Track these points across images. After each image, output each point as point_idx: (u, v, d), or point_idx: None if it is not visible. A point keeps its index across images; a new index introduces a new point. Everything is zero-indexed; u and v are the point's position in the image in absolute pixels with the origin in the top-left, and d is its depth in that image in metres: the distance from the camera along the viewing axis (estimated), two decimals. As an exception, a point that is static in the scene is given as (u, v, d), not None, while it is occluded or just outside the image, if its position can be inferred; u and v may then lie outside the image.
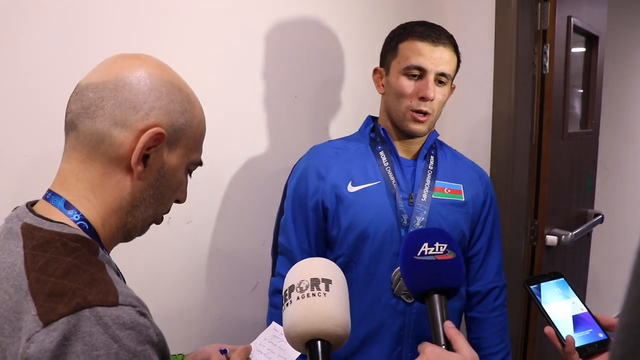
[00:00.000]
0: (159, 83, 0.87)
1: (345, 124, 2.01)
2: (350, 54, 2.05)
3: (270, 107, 1.84)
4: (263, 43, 1.79)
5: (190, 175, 0.99)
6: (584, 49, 2.95)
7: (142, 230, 0.95)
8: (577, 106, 2.95)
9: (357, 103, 2.07)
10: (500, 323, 1.68)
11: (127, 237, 0.94)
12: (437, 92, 1.52)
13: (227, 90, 1.71)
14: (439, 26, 1.57)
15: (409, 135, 1.58)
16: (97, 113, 0.84)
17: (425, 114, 1.52)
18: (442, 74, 1.52)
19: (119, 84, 0.85)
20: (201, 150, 0.97)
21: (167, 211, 0.98)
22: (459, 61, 1.59)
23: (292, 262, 1.58)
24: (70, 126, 0.86)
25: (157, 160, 0.88)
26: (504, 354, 1.67)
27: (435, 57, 1.50)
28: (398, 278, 1.53)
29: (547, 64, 2.34)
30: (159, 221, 0.97)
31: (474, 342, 1.66)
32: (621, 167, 4.27)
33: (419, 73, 1.52)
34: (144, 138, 0.84)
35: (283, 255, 1.63)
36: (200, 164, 0.98)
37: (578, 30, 2.64)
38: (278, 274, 1.63)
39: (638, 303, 0.42)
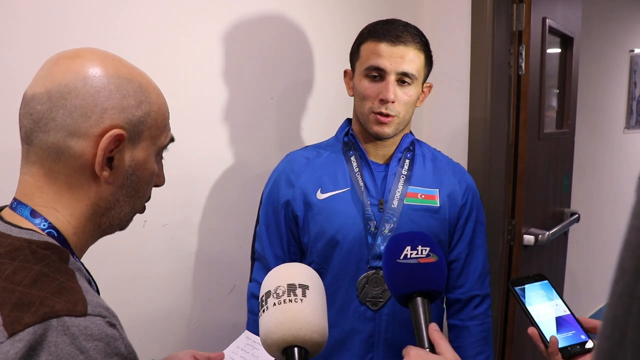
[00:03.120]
0: (105, 81, 0.82)
1: (323, 125, 2.01)
2: (327, 55, 2.05)
3: (246, 109, 1.83)
4: (240, 44, 1.77)
5: (163, 156, 0.95)
6: (559, 50, 2.97)
7: (121, 226, 0.92)
8: (553, 106, 2.98)
9: (335, 105, 2.07)
10: (480, 333, 1.62)
11: (105, 234, 0.91)
12: (400, 93, 1.48)
13: (203, 91, 1.69)
14: (403, 24, 1.50)
15: (377, 137, 1.54)
16: (49, 126, 0.80)
17: (387, 115, 1.48)
18: (404, 74, 1.46)
19: (64, 91, 0.80)
20: (168, 130, 0.93)
21: (148, 199, 0.95)
22: (428, 59, 1.53)
23: (267, 268, 1.58)
24: (26, 141, 0.83)
25: (123, 160, 0.85)
26: None
27: (395, 57, 1.45)
28: (363, 285, 1.51)
29: (523, 65, 2.36)
30: (141, 211, 0.95)
31: None
32: (597, 166, 4.32)
33: (378, 74, 1.48)
34: (103, 143, 0.80)
35: (258, 262, 1.63)
36: (172, 140, 0.94)
37: (553, 31, 2.67)
38: (254, 280, 1.63)
39: (623, 296, 0.43)
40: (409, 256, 1.04)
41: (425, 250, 1.05)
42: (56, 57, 0.85)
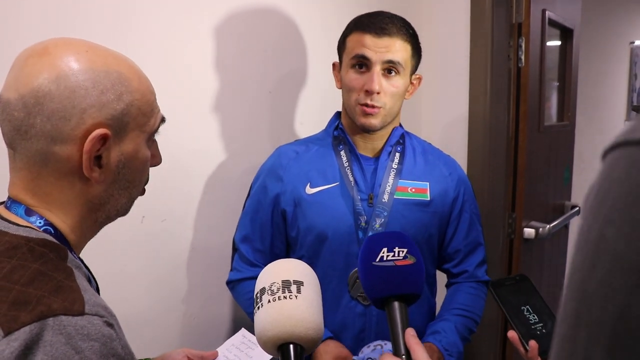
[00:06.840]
0: (80, 78, 0.77)
1: (320, 119, 1.99)
2: (327, 49, 2.03)
3: (244, 103, 1.81)
4: (237, 38, 1.76)
5: (158, 132, 0.91)
6: (559, 42, 2.96)
7: (122, 213, 0.91)
8: (553, 99, 2.97)
9: (332, 98, 2.05)
10: (471, 293, 1.60)
11: (106, 224, 0.91)
12: (386, 84, 1.46)
13: (200, 85, 1.68)
14: (389, 16, 1.49)
15: (365, 130, 1.53)
16: (29, 133, 0.77)
17: (373, 107, 1.47)
18: (390, 62, 1.45)
19: (38, 95, 0.76)
20: (156, 112, 0.89)
21: (146, 182, 0.93)
22: (416, 50, 1.51)
23: (245, 261, 1.61)
24: (11, 146, 0.81)
25: (112, 157, 0.83)
26: (461, 315, 1.55)
27: (380, 47, 1.44)
28: (354, 280, 1.51)
29: (523, 57, 2.34)
30: (141, 194, 0.93)
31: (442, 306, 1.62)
32: (597, 158, 4.28)
33: (363, 64, 1.46)
34: (87, 146, 0.77)
35: (238, 253, 1.63)
36: (163, 120, 0.90)
37: (553, 23, 2.65)
38: (234, 269, 1.63)
39: (569, 317, 0.42)
40: (385, 258, 0.99)
41: (403, 251, 1.00)
42: (25, 55, 0.79)
